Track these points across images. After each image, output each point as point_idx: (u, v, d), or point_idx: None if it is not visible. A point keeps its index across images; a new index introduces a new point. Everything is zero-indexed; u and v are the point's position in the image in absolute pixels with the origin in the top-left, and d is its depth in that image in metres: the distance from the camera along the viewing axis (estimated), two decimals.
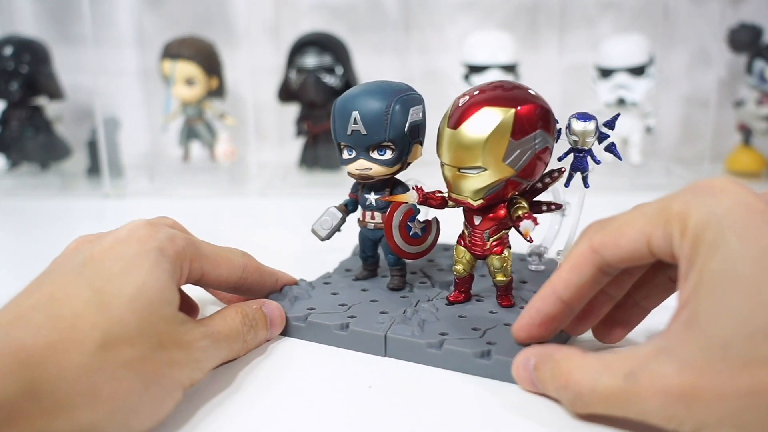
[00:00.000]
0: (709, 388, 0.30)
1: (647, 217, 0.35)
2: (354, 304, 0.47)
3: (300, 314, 0.45)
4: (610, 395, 0.33)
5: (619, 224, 0.36)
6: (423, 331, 0.43)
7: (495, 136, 0.40)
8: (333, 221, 0.50)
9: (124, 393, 0.33)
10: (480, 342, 0.41)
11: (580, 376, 0.34)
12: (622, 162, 0.67)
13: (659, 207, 0.34)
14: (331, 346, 0.44)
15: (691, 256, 0.32)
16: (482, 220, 0.44)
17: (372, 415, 0.37)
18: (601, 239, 0.36)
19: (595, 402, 0.34)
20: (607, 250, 0.36)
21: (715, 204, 0.32)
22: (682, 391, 0.30)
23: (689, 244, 0.32)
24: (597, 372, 0.34)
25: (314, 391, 0.40)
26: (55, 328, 0.32)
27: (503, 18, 0.94)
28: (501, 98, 0.41)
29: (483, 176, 0.41)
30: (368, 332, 0.43)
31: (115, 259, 0.36)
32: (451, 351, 0.41)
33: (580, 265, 0.37)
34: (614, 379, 0.33)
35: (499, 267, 0.45)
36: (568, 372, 0.35)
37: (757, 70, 0.85)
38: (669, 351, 0.31)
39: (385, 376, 0.41)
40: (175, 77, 0.85)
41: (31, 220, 0.78)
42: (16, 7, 0.98)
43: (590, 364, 0.34)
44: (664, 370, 0.31)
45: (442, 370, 0.41)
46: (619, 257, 0.36)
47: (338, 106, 0.46)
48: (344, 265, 0.54)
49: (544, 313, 0.39)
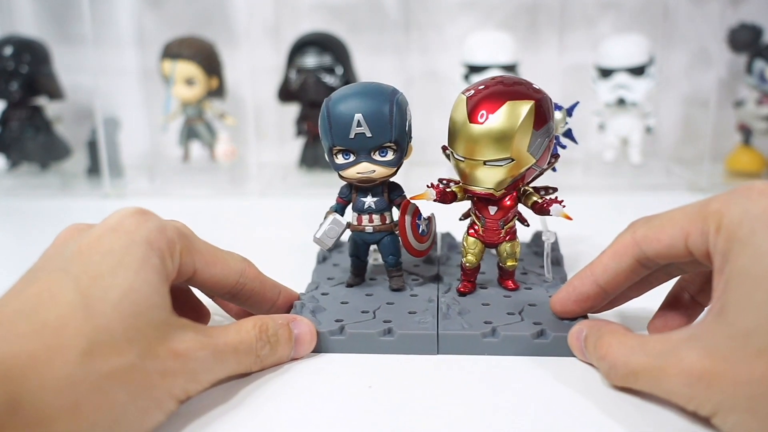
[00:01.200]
0: (727, 373, 0.32)
1: (688, 216, 0.37)
2: (374, 309, 0.46)
3: (334, 327, 0.44)
4: (640, 371, 0.36)
5: (662, 221, 0.38)
6: (470, 324, 0.44)
7: (523, 128, 0.43)
8: (339, 230, 0.49)
9: (108, 405, 0.32)
10: (527, 324, 0.44)
11: (617, 350, 0.37)
12: (616, 160, 0.67)
13: (699, 206, 0.36)
14: (371, 354, 0.43)
15: (724, 251, 0.34)
16: (497, 210, 0.47)
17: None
18: (643, 233, 0.39)
19: (627, 375, 0.37)
20: (648, 245, 0.38)
21: (751, 204, 0.34)
22: (702, 374, 0.32)
23: (723, 241, 0.34)
24: (632, 349, 0.37)
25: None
26: (38, 336, 0.31)
27: (503, 18, 0.94)
28: (518, 92, 0.43)
29: (510, 167, 0.44)
30: (419, 333, 0.43)
31: (103, 253, 0.35)
32: (509, 336, 0.43)
33: (621, 254, 0.40)
34: (646, 357, 0.36)
35: (511, 253, 0.48)
36: (608, 345, 0.38)
37: (757, 70, 0.85)
38: (697, 338, 0.34)
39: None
40: (175, 77, 0.85)
41: (31, 220, 0.78)
42: (16, 7, 0.98)
43: (628, 341, 0.37)
44: (689, 354, 0.33)
45: (495, 357, 0.43)
46: (657, 252, 0.38)
47: (335, 110, 0.45)
48: (319, 273, 0.53)
49: (579, 292, 0.42)
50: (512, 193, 0.46)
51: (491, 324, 0.44)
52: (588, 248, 0.59)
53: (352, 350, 0.44)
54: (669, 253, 0.38)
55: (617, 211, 0.77)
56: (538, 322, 0.44)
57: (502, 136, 0.43)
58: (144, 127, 0.97)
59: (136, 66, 0.96)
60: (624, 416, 0.37)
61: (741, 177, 0.88)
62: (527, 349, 0.43)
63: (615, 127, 0.87)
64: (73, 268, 0.34)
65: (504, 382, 0.40)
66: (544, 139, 0.44)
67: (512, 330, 0.43)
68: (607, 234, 0.44)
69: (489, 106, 0.43)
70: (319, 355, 0.44)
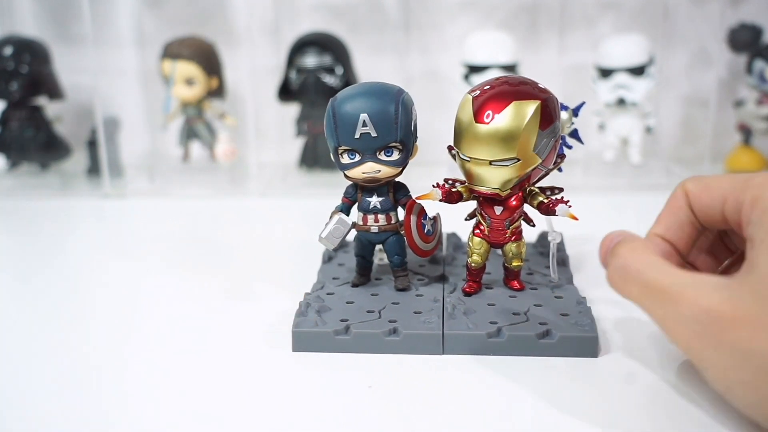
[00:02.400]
0: (747, 322, 0.32)
1: (732, 183, 0.38)
2: (380, 309, 0.46)
3: (339, 327, 0.44)
4: (651, 286, 0.36)
5: (710, 182, 0.40)
6: (475, 324, 0.44)
7: (529, 128, 0.43)
8: (344, 229, 0.49)
9: None
10: (533, 324, 0.44)
11: (638, 255, 0.37)
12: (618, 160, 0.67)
13: (744, 177, 0.38)
14: (375, 354, 0.44)
15: (759, 220, 0.35)
16: (503, 210, 0.47)
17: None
18: (692, 186, 0.40)
19: (634, 282, 0.36)
20: (694, 198, 0.40)
21: None
22: (720, 316, 0.33)
23: (758, 213, 0.35)
24: (653, 264, 0.36)
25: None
26: None
27: (503, 18, 0.94)
28: (524, 92, 0.44)
29: (516, 167, 0.44)
30: (424, 333, 0.43)
31: None
32: (514, 337, 0.43)
33: (675, 207, 0.41)
34: (667, 276, 0.35)
35: (517, 253, 0.48)
36: (631, 248, 0.38)
37: (757, 70, 0.85)
38: (725, 285, 0.34)
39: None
40: (175, 77, 0.85)
41: (31, 220, 0.78)
42: (16, 7, 0.98)
43: (654, 258, 0.37)
44: (713, 294, 0.33)
45: (500, 357, 0.43)
46: (699, 209, 0.40)
47: (340, 110, 0.45)
48: (324, 273, 0.53)
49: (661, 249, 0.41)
50: (518, 193, 0.47)
51: (497, 324, 0.44)
52: (589, 248, 0.59)
53: (357, 350, 0.44)
54: (707, 214, 0.39)
55: (617, 211, 0.77)
56: (544, 323, 0.44)
57: (508, 136, 0.43)
58: (144, 127, 0.96)
59: (136, 66, 0.96)
60: (631, 416, 0.37)
61: None
62: (533, 349, 0.43)
63: (615, 127, 0.86)
64: None
65: (509, 382, 0.41)
66: (550, 139, 0.44)
67: (518, 330, 0.43)
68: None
69: (495, 106, 0.43)
70: (323, 355, 0.44)
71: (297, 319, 0.45)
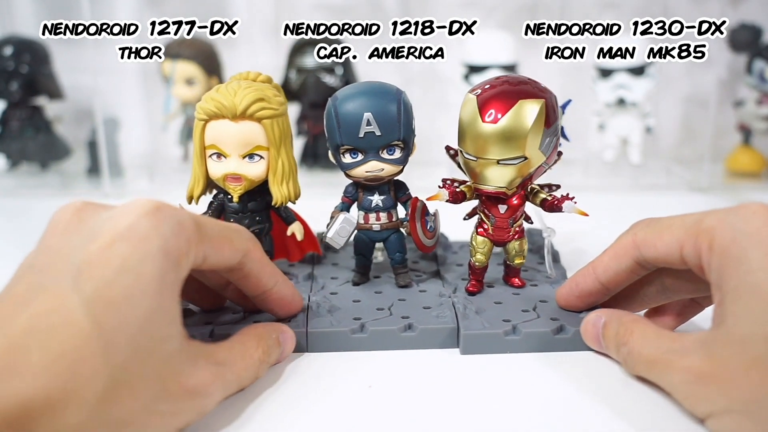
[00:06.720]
0: (725, 377, 0.33)
1: (684, 227, 0.38)
2: (388, 306, 0.47)
3: (355, 326, 0.44)
4: (651, 362, 0.38)
5: (662, 227, 0.39)
6: (490, 322, 0.44)
7: (535, 126, 0.43)
8: (351, 228, 0.49)
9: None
10: (545, 320, 0.44)
11: (637, 338, 0.39)
12: (619, 160, 0.67)
13: (695, 220, 0.38)
14: (389, 351, 0.44)
15: (719, 268, 0.35)
16: (507, 208, 0.47)
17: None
18: (643, 236, 0.40)
19: (640, 363, 0.39)
20: (646, 249, 0.40)
21: (744, 224, 0.35)
22: (702, 375, 0.34)
23: (717, 258, 0.35)
24: (649, 340, 0.38)
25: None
26: (54, 374, 0.29)
27: (503, 18, 0.94)
28: (528, 91, 0.44)
29: (522, 165, 0.44)
30: (439, 327, 0.44)
31: (116, 269, 0.31)
32: (530, 333, 0.43)
33: (621, 255, 0.41)
34: (658, 350, 0.37)
35: (520, 251, 0.49)
36: (630, 332, 0.39)
37: (757, 70, 0.85)
38: (702, 342, 0.35)
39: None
40: (175, 77, 0.85)
41: (31, 220, 0.78)
42: (16, 7, 0.98)
43: (649, 331, 0.39)
44: (693, 355, 0.35)
45: (515, 354, 0.43)
46: (654, 257, 0.40)
47: (342, 109, 0.45)
48: (321, 274, 0.53)
49: (581, 288, 0.44)
50: (520, 191, 0.47)
51: (510, 322, 0.44)
52: (588, 247, 0.60)
53: (374, 347, 0.44)
54: (665, 260, 0.39)
55: (617, 210, 0.77)
56: (555, 318, 0.45)
57: (515, 134, 0.43)
58: (144, 127, 0.96)
59: (136, 66, 0.96)
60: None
61: (741, 177, 0.88)
62: (548, 345, 0.43)
63: (615, 127, 0.87)
64: (85, 285, 0.31)
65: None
66: (553, 137, 0.45)
67: (532, 327, 0.44)
68: (607, 234, 0.45)
69: (500, 105, 0.43)
70: (340, 354, 0.44)
71: (312, 321, 0.45)
